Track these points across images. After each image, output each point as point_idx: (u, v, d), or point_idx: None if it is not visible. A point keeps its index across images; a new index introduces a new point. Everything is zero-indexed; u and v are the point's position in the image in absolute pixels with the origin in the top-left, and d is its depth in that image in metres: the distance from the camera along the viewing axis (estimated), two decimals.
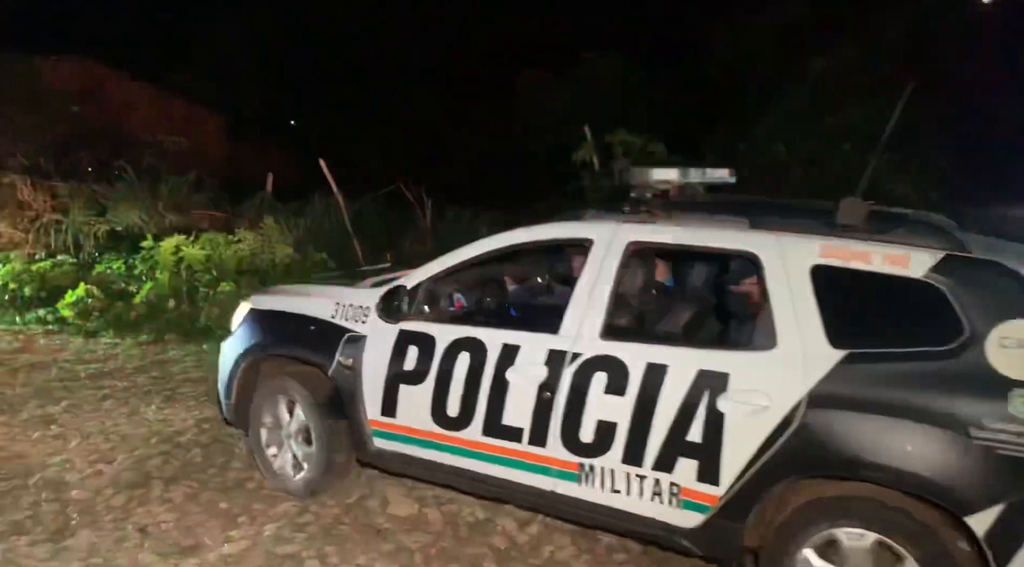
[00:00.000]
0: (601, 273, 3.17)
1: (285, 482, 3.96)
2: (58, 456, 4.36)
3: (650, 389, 2.94)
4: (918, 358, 2.59)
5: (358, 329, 3.66)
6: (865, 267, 2.72)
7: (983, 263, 2.64)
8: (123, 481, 4.04)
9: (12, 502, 3.76)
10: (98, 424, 4.92)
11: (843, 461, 2.64)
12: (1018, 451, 2.40)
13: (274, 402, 3.95)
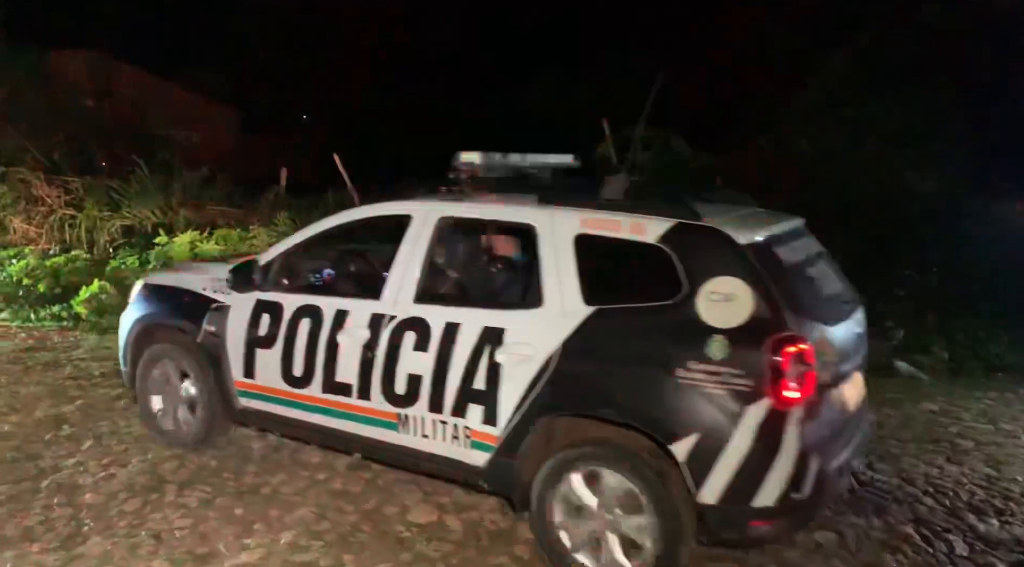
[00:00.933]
0: (416, 244, 3.63)
1: (172, 437, 4.44)
2: (71, 458, 4.30)
3: (446, 345, 3.42)
4: (648, 312, 3.07)
5: (223, 300, 4.16)
6: (613, 235, 3.17)
7: (703, 229, 3.06)
8: (137, 485, 3.97)
9: (24, 506, 3.70)
10: (111, 425, 4.86)
11: (584, 401, 3.16)
12: (711, 387, 2.86)
13: (161, 366, 4.42)
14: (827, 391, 3.07)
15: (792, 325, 2.87)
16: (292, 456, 4.38)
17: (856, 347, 3.41)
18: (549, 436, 3.26)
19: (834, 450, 3.09)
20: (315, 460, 4.33)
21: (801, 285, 3.18)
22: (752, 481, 2.88)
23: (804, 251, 3.41)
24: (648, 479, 3.00)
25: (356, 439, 3.80)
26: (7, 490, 3.86)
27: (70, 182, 9.95)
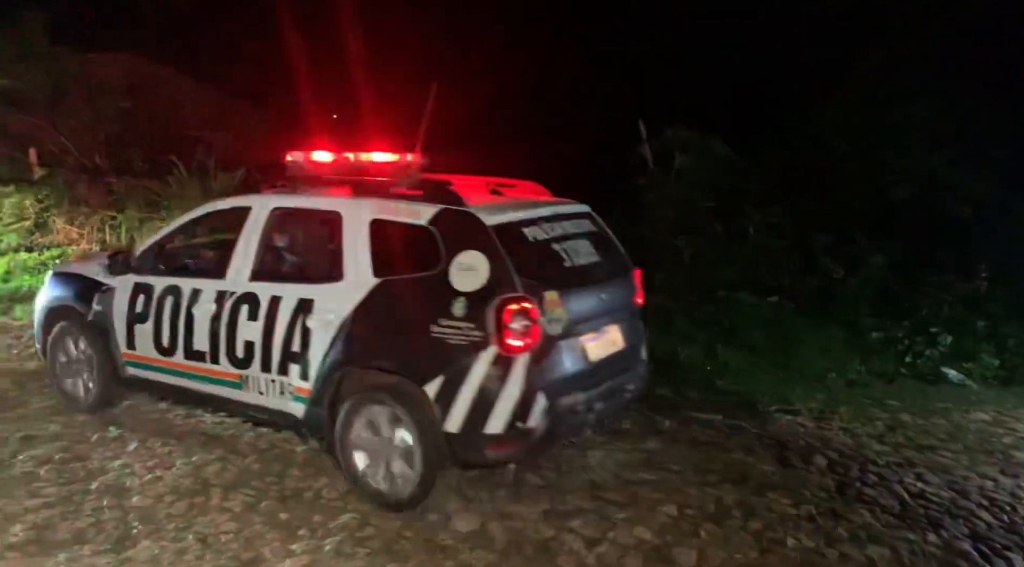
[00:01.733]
0: (253, 231, 4.34)
1: (77, 402, 5.10)
2: (118, 460, 4.34)
3: (272, 315, 4.11)
4: (417, 281, 3.75)
5: (110, 283, 4.86)
6: (397, 219, 3.86)
7: (461, 213, 3.73)
8: (183, 488, 4.00)
9: (75, 508, 3.74)
10: (156, 426, 4.91)
11: (366, 355, 3.87)
12: (452, 339, 3.55)
13: (65, 341, 5.08)
14: (559, 342, 3.73)
15: (520, 289, 3.54)
16: (334, 462, 4.39)
17: (608, 308, 4.10)
18: (344, 386, 3.94)
19: (565, 390, 3.73)
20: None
21: (540, 258, 3.85)
22: (483, 413, 3.56)
23: (560, 231, 4.08)
24: (413, 415, 3.69)
25: (212, 398, 4.54)
26: (58, 492, 3.92)
27: (111, 183, 10.12)
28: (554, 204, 4.35)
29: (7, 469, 4.19)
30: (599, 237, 4.40)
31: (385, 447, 3.84)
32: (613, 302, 4.18)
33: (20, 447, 4.50)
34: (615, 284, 4.26)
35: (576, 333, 3.85)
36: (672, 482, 4.24)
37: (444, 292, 3.61)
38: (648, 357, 4.57)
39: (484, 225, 3.67)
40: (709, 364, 6.30)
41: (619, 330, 4.22)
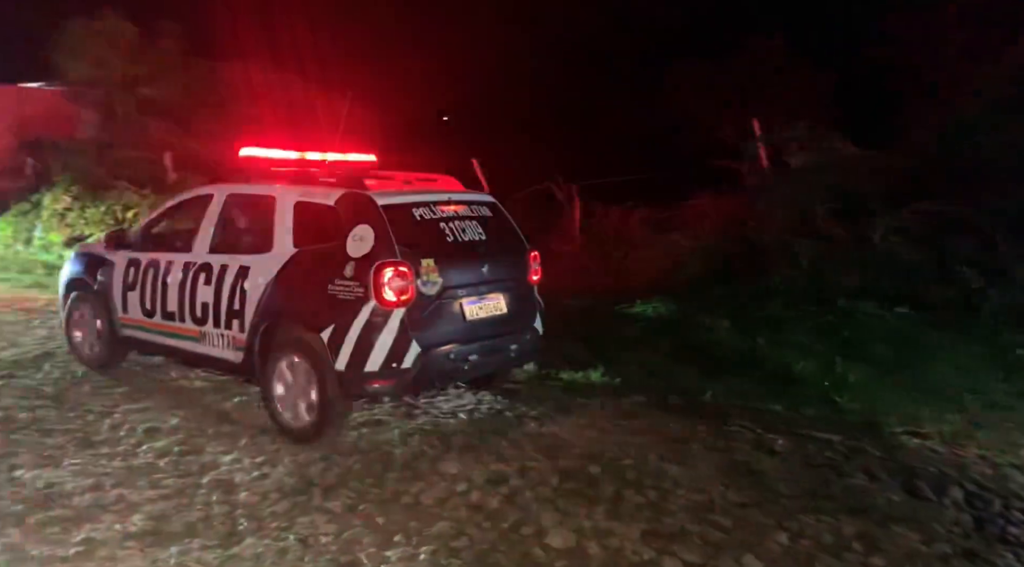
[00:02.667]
0: (213, 212, 5.37)
1: (88, 360, 6.20)
2: (229, 455, 4.52)
3: (220, 280, 5.09)
4: (323, 251, 4.63)
5: (111, 258, 5.96)
6: (314, 200, 4.78)
7: (359, 195, 4.60)
8: (287, 486, 4.11)
9: (188, 501, 3.91)
10: (266, 422, 5.09)
11: (281, 311, 4.78)
12: (343, 295, 4.42)
13: (80, 310, 6.22)
14: (436, 301, 4.57)
15: (399, 256, 4.39)
16: (432, 465, 4.40)
17: (492, 278, 4.91)
18: (266, 336, 4.82)
19: (439, 341, 4.57)
20: (453, 470, 4.32)
21: (424, 233, 4.66)
22: (364, 354, 4.40)
23: (451, 213, 4.87)
24: (313, 358, 4.56)
25: (180, 351, 5.53)
26: (173, 484, 4.11)
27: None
28: (452, 193, 5.17)
29: (131, 459, 4.44)
30: (493, 221, 5.18)
31: (297, 386, 4.70)
32: (498, 274, 4.99)
33: (144, 438, 4.77)
34: (502, 260, 5.08)
35: (454, 296, 4.71)
36: (784, 507, 3.96)
37: (341, 258, 4.50)
38: (542, 328, 5.36)
39: (375, 204, 4.56)
40: (827, 379, 5.89)
41: (504, 299, 5.02)
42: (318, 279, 4.59)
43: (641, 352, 6.64)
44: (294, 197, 4.93)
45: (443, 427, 5.02)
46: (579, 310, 7.92)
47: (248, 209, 5.48)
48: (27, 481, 4.08)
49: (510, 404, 5.50)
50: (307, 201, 4.86)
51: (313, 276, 4.65)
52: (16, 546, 3.38)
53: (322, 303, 4.54)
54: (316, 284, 4.60)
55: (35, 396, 5.54)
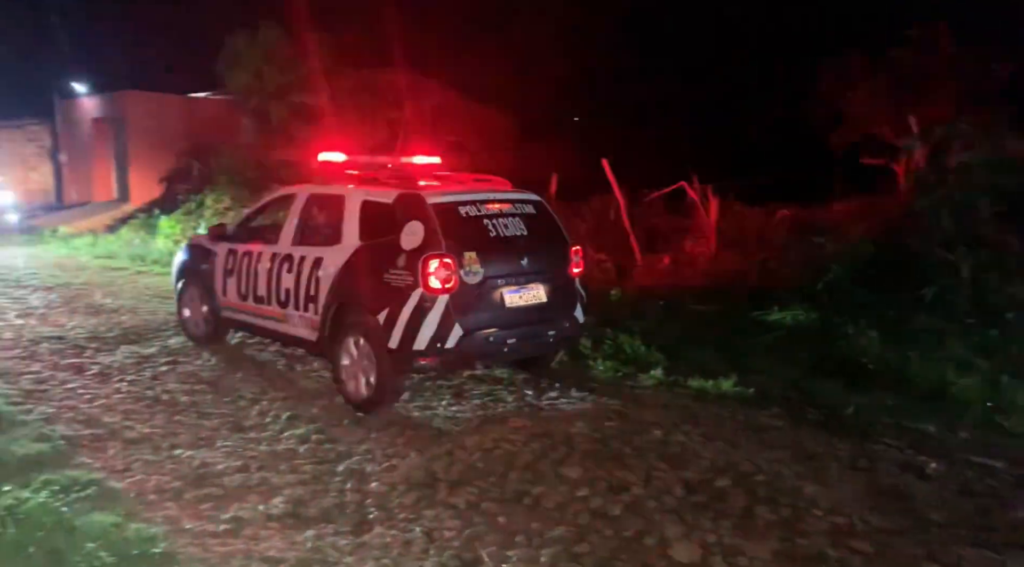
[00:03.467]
0: (296, 210, 6.12)
1: (196, 336, 7.11)
2: (362, 445, 4.73)
3: (300, 269, 5.77)
4: (382, 243, 5.20)
5: (213, 249, 6.83)
6: (377, 200, 5.40)
7: (413, 195, 5.21)
8: (413, 479, 4.23)
9: (323, 488, 4.12)
10: (397, 415, 5.29)
11: (347, 297, 5.42)
12: (396, 283, 5.04)
13: (189, 292, 7.14)
14: (477, 289, 5.06)
15: (444, 248, 4.92)
16: (553, 467, 4.38)
17: (532, 270, 5.35)
18: (336, 318, 5.48)
19: (480, 324, 5.07)
20: (575, 474, 4.28)
21: (469, 228, 5.14)
22: (413, 334, 4.98)
23: (495, 211, 5.33)
24: (371, 337, 5.19)
25: (267, 330, 6.28)
26: (311, 470, 4.35)
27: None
28: (498, 192, 5.64)
29: (275, 444, 4.74)
30: (537, 218, 5.62)
31: (357, 361, 5.34)
32: (538, 266, 5.41)
33: (287, 425, 5.08)
34: (543, 253, 5.49)
35: (494, 285, 5.18)
36: (936, 536, 3.62)
37: (395, 250, 5.09)
38: (583, 317, 5.81)
39: (426, 202, 5.12)
40: (990, 399, 5.33)
41: (544, 289, 5.45)
42: (376, 269, 5.21)
43: (778, 362, 6.30)
44: (360, 197, 5.57)
45: (565, 430, 4.99)
46: (711, 315, 7.65)
47: (323, 207, 6.10)
48: (184, 460, 4.46)
49: (635, 411, 5.39)
50: (371, 200, 5.49)
51: (372, 266, 5.27)
52: (174, 519, 3.69)
53: (379, 290, 5.15)
54: (375, 273, 5.22)
55: (195, 381, 6.05)
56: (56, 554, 3.09)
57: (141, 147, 19.18)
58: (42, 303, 9.21)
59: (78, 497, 3.70)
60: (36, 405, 5.31)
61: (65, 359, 6.59)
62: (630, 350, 6.55)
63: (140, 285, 10.76)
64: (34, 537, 3.22)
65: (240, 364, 6.57)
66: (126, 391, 5.74)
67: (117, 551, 3.15)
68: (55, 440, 4.57)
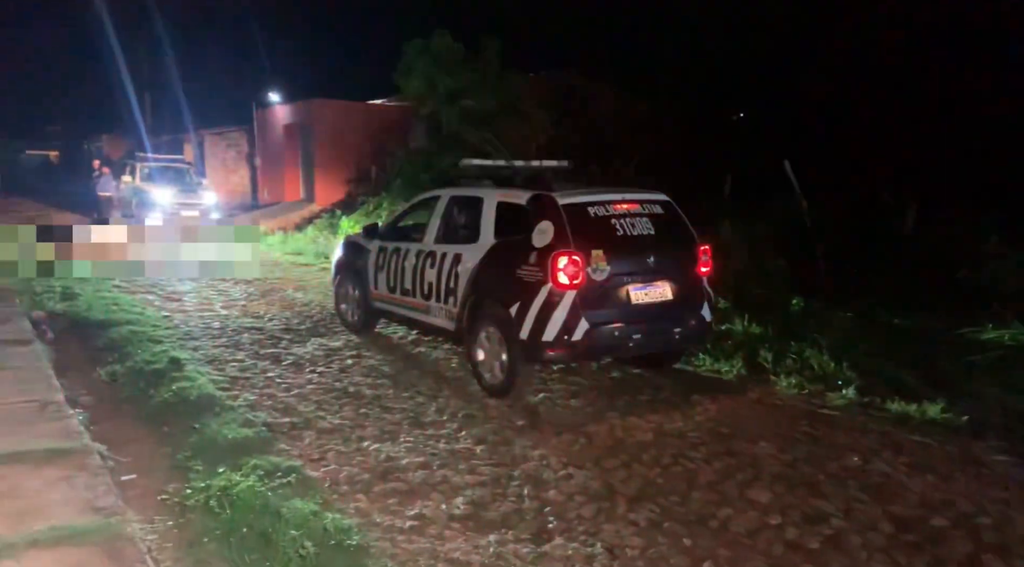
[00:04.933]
0: (439, 211, 6.64)
1: (348, 326, 7.90)
2: (537, 450, 4.71)
3: (442, 265, 6.29)
4: (515, 242, 5.61)
5: (367, 245, 7.47)
6: (511, 201, 5.85)
7: (545, 196, 5.55)
8: (591, 490, 4.14)
9: (502, 492, 4.13)
10: (570, 418, 5.24)
11: (483, 291, 5.86)
12: (527, 278, 5.38)
13: (344, 285, 7.92)
14: (604, 286, 5.29)
15: (572, 246, 5.19)
16: (740, 489, 4.13)
17: (658, 268, 5.52)
18: (472, 310, 5.89)
19: (606, 320, 5.29)
20: (764, 499, 4.01)
21: (597, 227, 5.38)
22: (541, 327, 5.24)
23: (622, 211, 5.55)
24: (504, 329, 5.52)
25: (412, 320, 6.85)
26: (489, 472, 4.38)
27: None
28: (627, 193, 5.79)
29: (454, 443, 4.84)
30: (664, 218, 5.79)
31: (490, 350, 5.71)
32: (665, 265, 5.57)
33: (464, 424, 5.18)
34: (670, 252, 5.64)
35: (621, 282, 5.39)
36: None
37: (527, 248, 5.40)
38: (710, 316, 5.90)
39: (557, 203, 5.40)
40: None
41: (670, 287, 5.60)
42: (510, 265, 5.55)
43: (995, 387, 5.58)
44: (496, 198, 5.98)
45: (750, 450, 4.70)
46: (910, 330, 6.94)
47: (463, 208, 6.53)
48: (371, 452, 4.65)
49: (827, 433, 4.98)
50: (506, 201, 5.89)
51: (506, 262, 5.62)
52: (365, 512, 3.85)
53: (512, 284, 5.48)
54: (508, 269, 5.56)
55: (377, 375, 6.34)
56: (265, 537, 3.30)
57: (325, 151, 20.64)
58: (242, 295, 10.11)
59: (281, 483, 3.94)
60: (241, 392, 5.79)
61: (264, 349, 7.15)
62: (817, 366, 6.08)
63: (325, 281, 11.52)
64: (246, 519, 3.46)
65: (417, 361, 6.82)
66: (317, 382, 6.12)
67: (317, 540, 3.32)
68: (258, 426, 4.93)
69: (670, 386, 6.04)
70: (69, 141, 45.70)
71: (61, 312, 8.12)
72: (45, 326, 7.31)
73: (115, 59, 27.96)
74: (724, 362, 6.48)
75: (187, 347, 7.03)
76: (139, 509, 3.58)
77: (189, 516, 3.59)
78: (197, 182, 19.86)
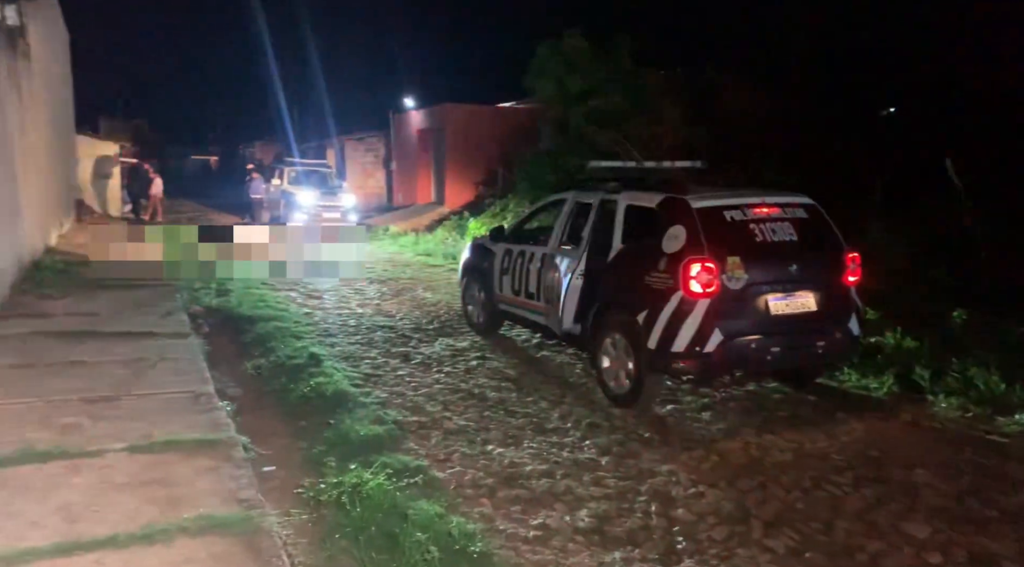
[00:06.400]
0: (563, 214, 6.62)
1: (474, 326, 7.98)
2: (665, 465, 4.52)
3: (564, 267, 6.31)
4: (643, 247, 5.45)
5: (493, 248, 7.49)
6: (640, 204, 5.68)
7: (677, 199, 5.33)
8: (724, 511, 3.91)
9: (628, 506, 3.99)
10: (700, 432, 5.01)
11: (610, 296, 5.75)
12: (656, 285, 5.18)
13: (471, 287, 8.00)
14: (740, 295, 5.05)
15: (706, 254, 4.99)
16: (892, 521, 3.77)
17: (801, 277, 5.24)
18: (597, 316, 5.74)
19: (742, 331, 5.06)
20: (922, 534, 3.64)
21: (734, 232, 5.18)
22: (671, 336, 5.08)
23: (762, 215, 5.30)
24: (631, 336, 5.38)
25: (534, 323, 6.82)
26: (615, 485, 4.24)
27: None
28: (767, 195, 5.47)
29: (577, 452, 4.74)
30: (808, 223, 5.42)
31: (616, 358, 5.55)
32: (808, 273, 5.24)
33: (587, 432, 5.07)
34: (814, 260, 5.32)
35: (759, 291, 5.08)
36: None
37: (657, 253, 5.21)
38: (858, 330, 5.49)
39: (691, 207, 5.17)
40: None
41: (814, 297, 5.24)
42: (638, 271, 5.38)
43: None
44: (625, 201, 5.79)
45: (904, 478, 4.28)
46: None
47: (590, 211, 6.30)
48: (495, 457, 4.64)
49: (996, 463, 4.46)
50: (634, 204, 5.70)
51: (634, 268, 5.47)
52: (488, 517, 3.83)
53: (640, 291, 5.31)
54: (636, 275, 5.39)
55: (501, 378, 6.35)
56: (391, 538, 3.35)
57: (456, 154, 21.16)
58: (376, 294, 10.51)
59: (408, 483, 4.01)
60: (373, 389, 5.97)
61: (395, 347, 7.37)
62: (984, 386, 5.47)
63: (453, 282, 11.75)
64: (374, 517, 3.53)
65: (540, 365, 6.78)
66: (444, 382, 6.22)
67: (442, 545, 3.32)
68: (388, 424, 5.05)
69: (811, 402, 5.65)
70: (227, 147, 49.79)
71: (215, 307, 8.75)
72: (202, 320, 7.91)
73: (268, 70, 30.14)
74: (873, 378, 5.97)
75: (325, 343, 7.36)
76: (276, 502, 3.74)
77: (322, 511, 3.70)
78: (338, 185, 20.94)
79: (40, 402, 4.55)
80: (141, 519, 3.07)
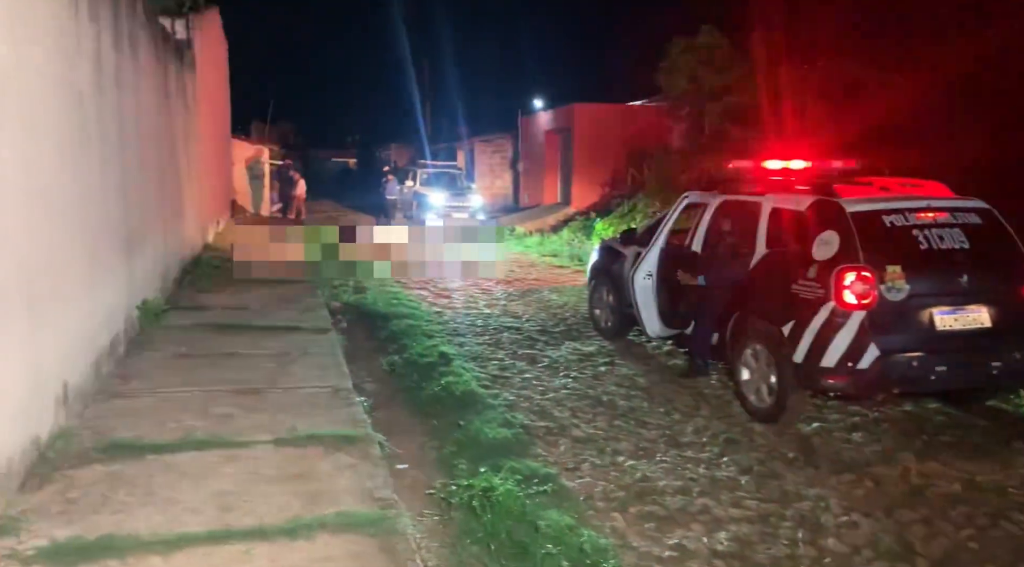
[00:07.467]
0: (705, 217, 6.41)
1: (601, 330, 7.80)
2: (812, 489, 4.19)
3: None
4: (793, 253, 5.15)
5: (623, 251, 7.37)
6: (786, 207, 5.42)
7: (829, 202, 5.03)
8: (882, 546, 3.57)
9: (772, 532, 3.73)
10: (851, 454, 4.63)
11: (749, 303, 5.48)
12: (805, 294, 4.87)
13: (598, 290, 7.89)
14: (901, 308, 4.65)
15: (862, 261, 4.63)
16: None
17: (973, 290, 4.79)
18: (737, 325, 5.57)
19: (902, 347, 4.64)
20: None
21: (894, 239, 4.80)
22: (820, 350, 4.73)
23: (928, 220, 4.90)
24: (774, 348, 5.09)
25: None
26: (756, 507, 3.98)
27: None
28: (932, 199, 5.11)
29: (715, 469, 4.49)
30: (982, 230, 4.97)
31: (757, 370, 5.23)
32: (981, 286, 4.80)
33: (725, 448, 4.81)
34: (988, 271, 4.87)
35: (923, 304, 4.69)
36: None
37: (806, 260, 4.91)
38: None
39: (845, 212, 4.84)
40: None
41: (988, 312, 4.79)
42: (784, 278, 5.09)
43: None
44: (770, 204, 5.52)
45: None
46: None
47: (734, 214, 6.04)
48: (627, 469, 4.48)
49: None
50: (781, 207, 5.41)
51: (779, 275, 5.17)
52: (620, 532, 3.69)
53: (786, 300, 5.02)
54: (781, 282, 5.09)
55: (631, 385, 6.17)
56: (522, 548, 3.29)
57: (583, 154, 21.02)
58: (503, 295, 10.57)
59: (538, 491, 3.93)
60: (501, 391, 5.97)
61: (521, 349, 7.36)
62: None
63: (579, 284, 11.65)
64: (505, 525, 3.48)
65: (672, 374, 6.52)
66: (571, 388, 6.11)
67: (573, 559, 3.22)
68: (516, 428, 5.01)
69: (982, 427, 5.09)
70: (364, 149, 52.22)
71: (352, 304, 9.10)
72: (340, 316, 8.25)
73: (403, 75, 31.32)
74: None
75: (454, 343, 7.46)
76: (409, 501, 3.78)
77: (452, 514, 3.71)
78: (467, 186, 21.40)
79: (199, 391, 4.86)
80: (286, 513, 3.17)
